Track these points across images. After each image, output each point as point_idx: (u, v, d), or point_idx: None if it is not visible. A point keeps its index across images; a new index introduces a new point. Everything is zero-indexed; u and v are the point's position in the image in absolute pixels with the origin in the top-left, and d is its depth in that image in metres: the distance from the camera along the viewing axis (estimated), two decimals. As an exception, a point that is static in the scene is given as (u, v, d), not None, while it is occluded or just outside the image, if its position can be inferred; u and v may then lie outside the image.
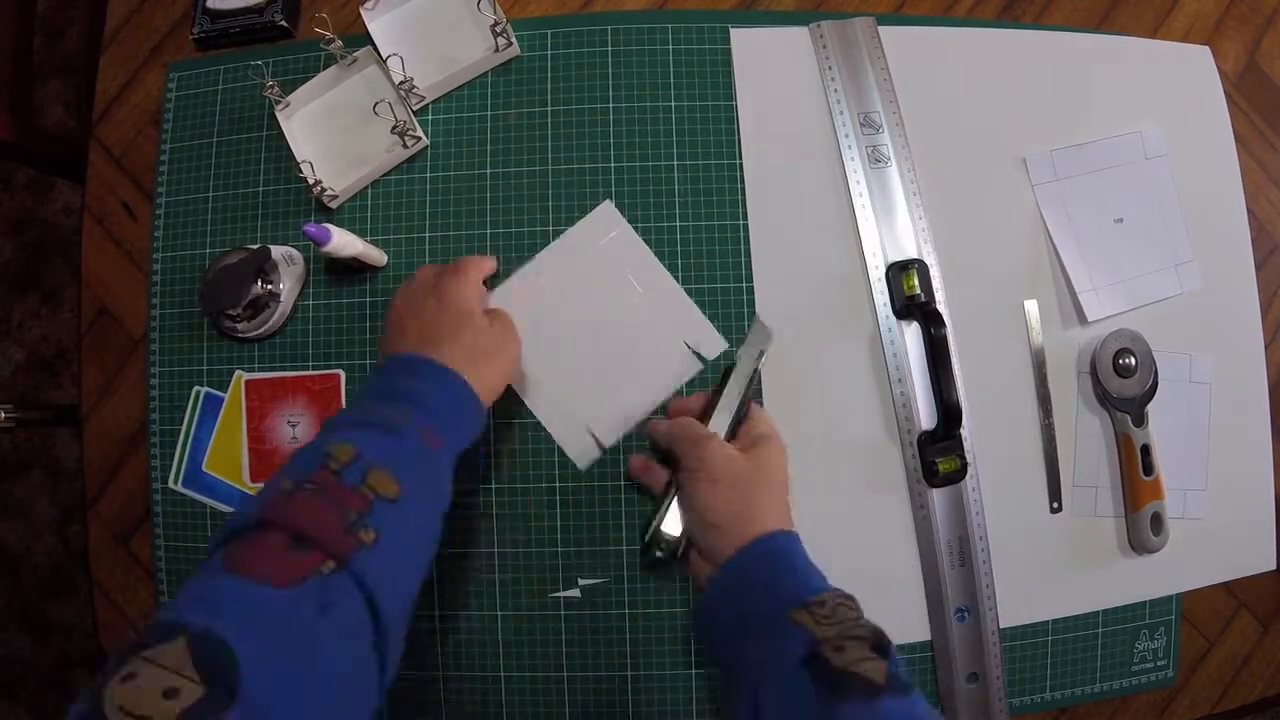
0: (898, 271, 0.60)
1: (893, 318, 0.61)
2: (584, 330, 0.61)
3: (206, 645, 0.33)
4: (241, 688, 0.32)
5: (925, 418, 0.60)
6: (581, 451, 0.60)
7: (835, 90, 0.62)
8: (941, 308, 0.60)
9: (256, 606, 0.35)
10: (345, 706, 0.37)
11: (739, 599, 0.46)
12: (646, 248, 0.61)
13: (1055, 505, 0.61)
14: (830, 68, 0.63)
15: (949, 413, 0.56)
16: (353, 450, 0.41)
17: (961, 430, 0.58)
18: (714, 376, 0.60)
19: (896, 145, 0.62)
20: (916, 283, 0.60)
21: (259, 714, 0.32)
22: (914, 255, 0.61)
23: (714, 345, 0.61)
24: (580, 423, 0.60)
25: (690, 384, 0.60)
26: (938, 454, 0.59)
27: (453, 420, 0.47)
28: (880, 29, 0.64)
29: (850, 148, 0.62)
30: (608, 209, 0.61)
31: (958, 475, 0.59)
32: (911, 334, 0.60)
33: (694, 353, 0.60)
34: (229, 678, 0.32)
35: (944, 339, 0.56)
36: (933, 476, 0.59)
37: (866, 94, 0.62)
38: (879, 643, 0.41)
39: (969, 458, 0.60)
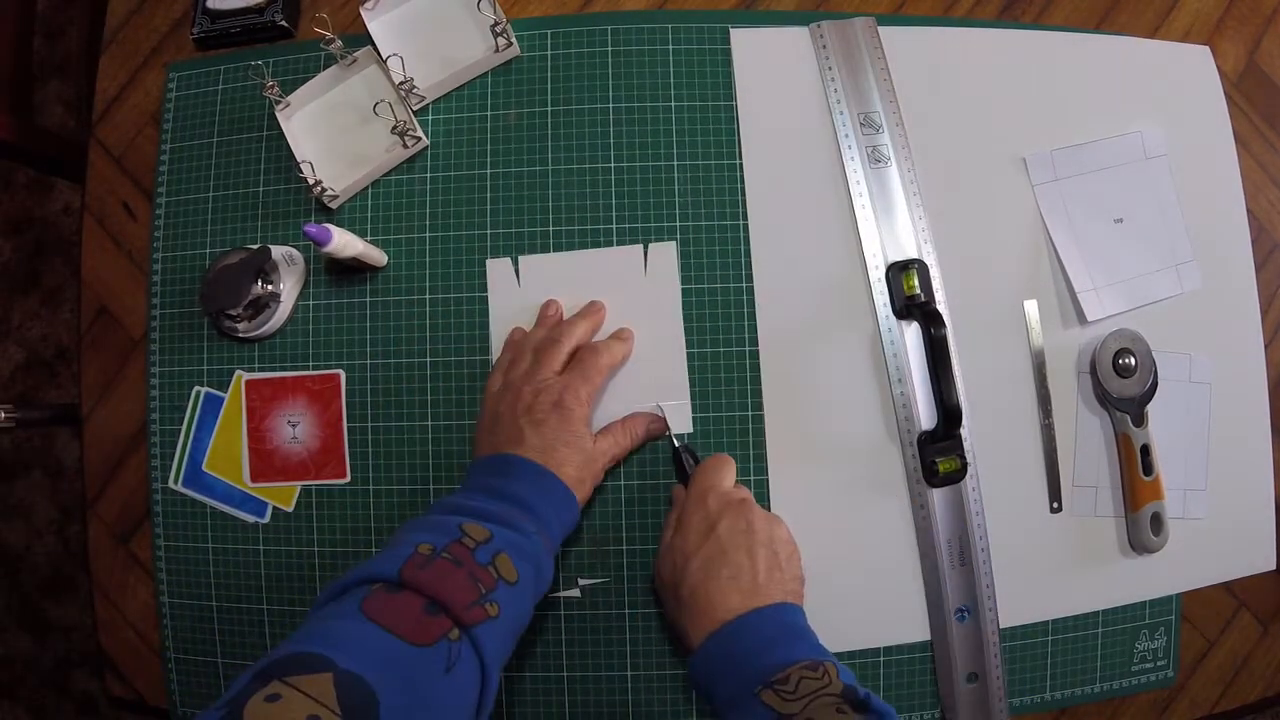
0: (897, 271, 0.60)
1: (893, 318, 0.60)
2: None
3: (351, 684, 0.36)
4: None
5: (925, 418, 0.60)
6: None
7: (835, 90, 0.62)
8: (941, 308, 0.60)
9: (398, 660, 0.39)
10: None
11: (711, 683, 0.48)
12: (680, 303, 0.61)
13: (1055, 505, 0.61)
14: (830, 68, 0.62)
15: (949, 413, 0.56)
16: (487, 533, 0.46)
17: (961, 430, 0.58)
18: (714, 375, 0.60)
19: (896, 145, 0.62)
20: (916, 283, 0.60)
21: None
22: (914, 255, 0.61)
23: (683, 422, 0.60)
24: None
25: (690, 381, 0.60)
26: (938, 454, 0.59)
27: (563, 529, 0.53)
28: (880, 29, 0.64)
29: (850, 148, 0.62)
30: (669, 250, 0.61)
31: (958, 475, 0.59)
32: (911, 334, 0.60)
33: (661, 417, 0.60)
34: (367, 717, 0.36)
35: (944, 339, 0.56)
36: (933, 476, 0.59)
37: (866, 94, 0.62)
38: (851, 696, 0.43)
39: (969, 458, 0.60)
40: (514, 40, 0.62)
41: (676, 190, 0.62)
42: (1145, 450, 0.60)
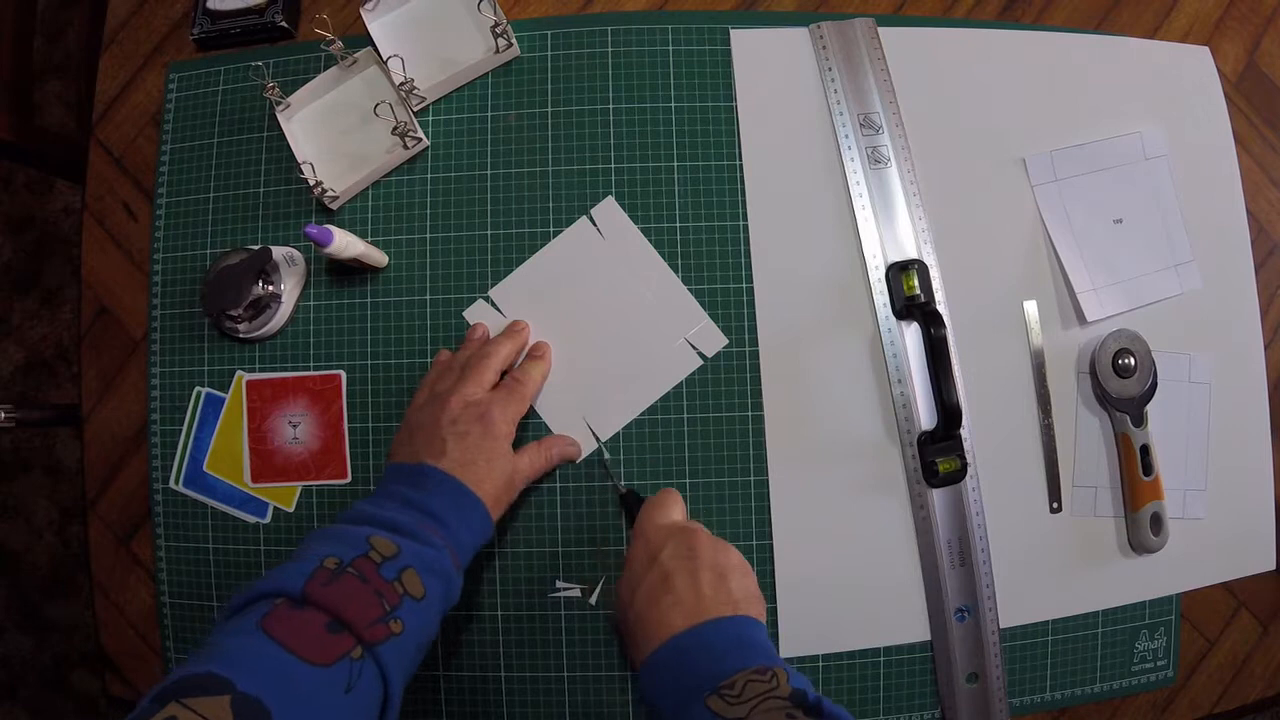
0: (897, 272, 0.60)
1: (893, 318, 0.61)
2: (583, 323, 0.61)
3: (248, 707, 0.36)
4: None
5: (925, 418, 0.60)
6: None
7: (835, 90, 0.62)
8: (941, 308, 0.60)
9: (297, 680, 0.39)
10: None
11: (657, 696, 0.46)
12: (648, 243, 0.61)
13: (1055, 505, 0.61)
14: (830, 68, 0.62)
15: (949, 413, 0.56)
16: (395, 548, 0.45)
17: (961, 430, 0.58)
18: (713, 375, 0.60)
19: (896, 146, 0.62)
20: (916, 283, 0.60)
21: None
22: (914, 256, 0.61)
23: (714, 341, 0.61)
24: (577, 414, 0.60)
25: (690, 380, 0.60)
26: (938, 454, 0.59)
27: (473, 545, 0.51)
28: (880, 29, 0.64)
29: (850, 148, 0.62)
30: (610, 205, 0.61)
31: (958, 475, 0.59)
32: (911, 334, 0.60)
33: (694, 349, 0.60)
34: None
35: (944, 339, 0.56)
36: (933, 476, 0.59)
37: (866, 94, 0.62)
38: (800, 700, 0.42)
39: (969, 458, 0.60)
40: (514, 41, 0.62)
41: (676, 190, 0.62)
42: (1145, 450, 0.60)
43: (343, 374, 0.61)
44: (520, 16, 0.65)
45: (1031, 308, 0.62)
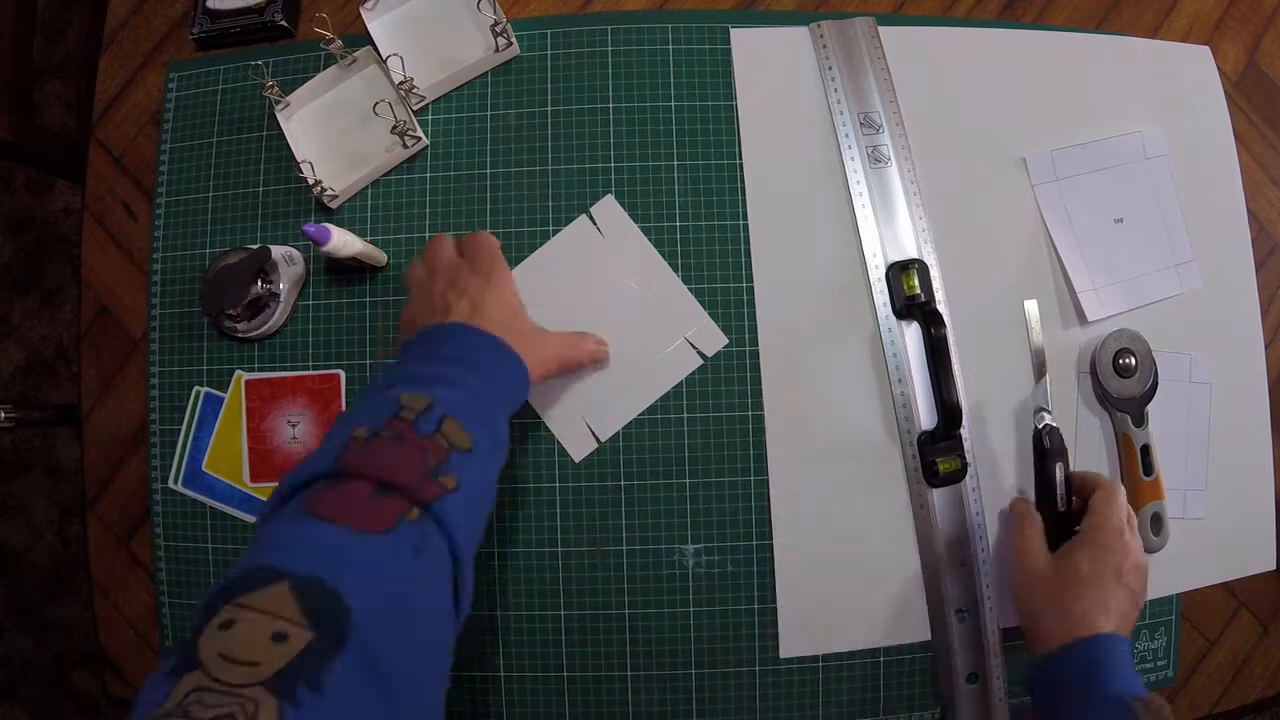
0: (898, 271, 0.60)
1: (893, 318, 0.60)
2: (583, 323, 0.60)
3: (312, 590, 0.33)
4: (352, 634, 0.32)
5: (925, 418, 0.60)
6: (578, 444, 0.60)
7: (835, 90, 0.62)
8: (941, 307, 0.60)
9: (358, 552, 0.35)
10: (437, 642, 0.38)
11: (1056, 696, 0.50)
12: (648, 242, 0.61)
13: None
14: (830, 67, 0.62)
15: (949, 412, 0.56)
16: (427, 400, 0.41)
17: (962, 430, 0.58)
18: (713, 375, 0.60)
19: (896, 145, 0.62)
20: (916, 283, 0.60)
21: (370, 655, 0.32)
22: (914, 255, 0.61)
23: (714, 341, 0.61)
24: (577, 414, 0.60)
25: (690, 380, 0.60)
26: (938, 454, 0.59)
27: (513, 399, 0.48)
28: (880, 29, 0.64)
29: (850, 148, 0.62)
30: (609, 203, 0.61)
31: (958, 475, 0.59)
32: (911, 334, 0.60)
33: (694, 348, 0.60)
34: (337, 623, 0.32)
35: (944, 339, 0.56)
36: (933, 476, 0.59)
37: (866, 93, 0.62)
38: None
39: (969, 458, 0.60)
40: (514, 40, 0.62)
41: (676, 190, 0.62)
42: (1145, 450, 0.60)
43: (341, 373, 0.61)
44: (520, 16, 0.65)
45: (1032, 307, 0.62)
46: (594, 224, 0.61)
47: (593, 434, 0.60)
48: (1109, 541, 0.53)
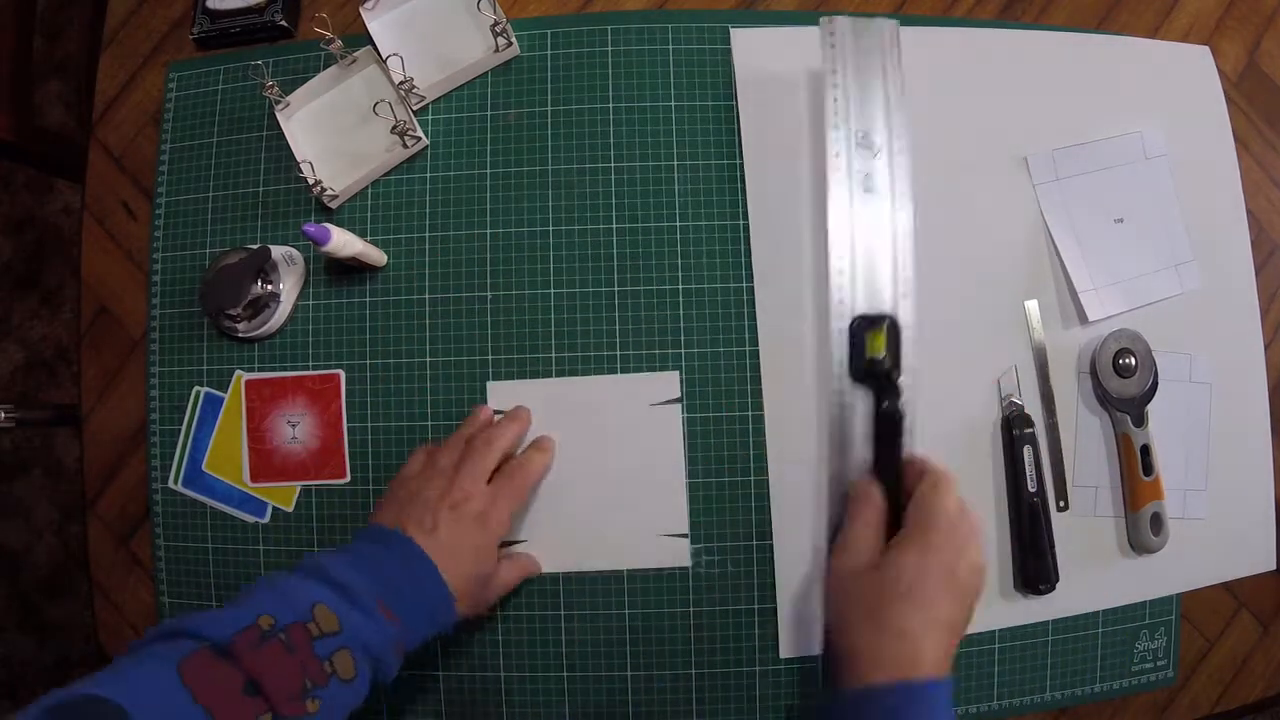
0: (864, 326, 0.52)
1: (848, 378, 0.53)
2: (576, 470, 0.59)
3: None
4: None
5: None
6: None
7: (836, 99, 0.53)
8: (905, 381, 0.52)
9: None
10: None
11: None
12: (682, 435, 0.59)
13: (1061, 504, 0.61)
14: (835, 70, 0.53)
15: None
16: (335, 625, 0.43)
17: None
18: (713, 375, 0.60)
19: (894, 174, 0.54)
20: (884, 343, 0.51)
21: None
22: (887, 310, 0.53)
23: (680, 557, 0.59)
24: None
25: (690, 380, 0.60)
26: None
27: (425, 636, 0.49)
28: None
29: (839, 170, 0.54)
30: (672, 379, 0.60)
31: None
32: (867, 403, 0.53)
33: (666, 542, 0.59)
34: None
35: (897, 418, 0.48)
36: None
37: (871, 111, 0.54)
38: None
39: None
40: (514, 40, 0.62)
41: (676, 190, 0.62)
42: (1145, 450, 0.60)
43: (341, 373, 0.61)
44: (520, 16, 0.65)
45: (1033, 307, 0.62)
46: (649, 389, 0.59)
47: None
48: (938, 540, 0.46)
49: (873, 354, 0.51)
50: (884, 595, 0.45)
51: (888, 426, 0.50)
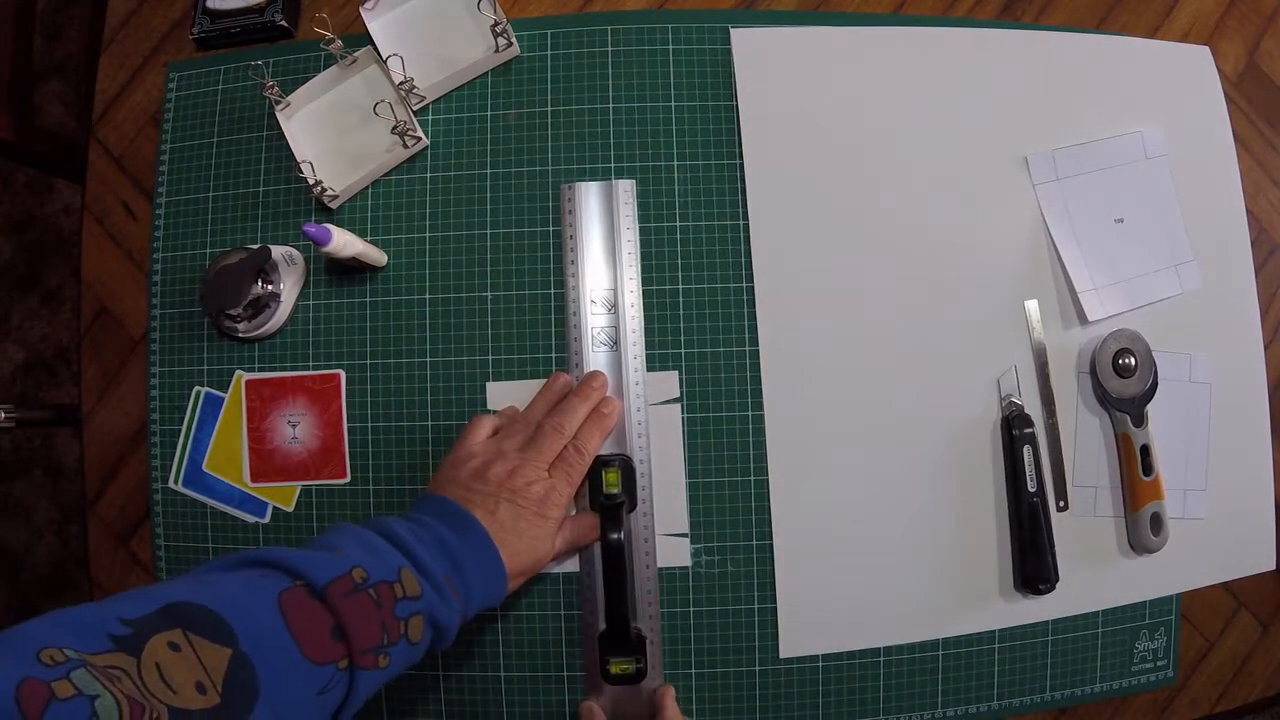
0: (602, 465, 0.57)
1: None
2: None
3: (242, 670, 0.37)
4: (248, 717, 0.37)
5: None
6: None
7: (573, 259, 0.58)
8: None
9: (288, 665, 0.40)
10: None
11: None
12: (682, 435, 0.60)
13: (1061, 504, 0.61)
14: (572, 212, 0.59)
15: (616, 628, 0.55)
16: (418, 590, 0.46)
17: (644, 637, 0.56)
18: (713, 375, 0.60)
19: (624, 328, 0.59)
20: (619, 479, 0.57)
21: None
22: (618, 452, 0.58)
23: (681, 556, 0.59)
24: None
25: (690, 380, 0.60)
26: (614, 653, 0.56)
27: (477, 612, 0.51)
28: (878, 29, 0.64)
29: (578, 326, 0.59)
30: (672, 379, 0.60)
31: (633, 678, 0.56)
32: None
33: (666, 542, 0.60)
34: (242, 708, 0.37)
35: (619, 549, 0.55)
36: (605, 675, 0.56)
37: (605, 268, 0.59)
38: None
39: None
40: (514, 40, 0.62)
41: (676, 190, 0.62)
42: (1145, 450, 0.60)
43: (342, 373, 0.61)
44: (520, 16, 0.65)
45: (1033, 307, 0.62)
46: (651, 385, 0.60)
47: None
48: None
49: (608, 489, 0.57)
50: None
51: (615, 558, 0.55)
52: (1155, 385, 0.61)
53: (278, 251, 0.59)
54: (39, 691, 0.30)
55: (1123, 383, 0.61)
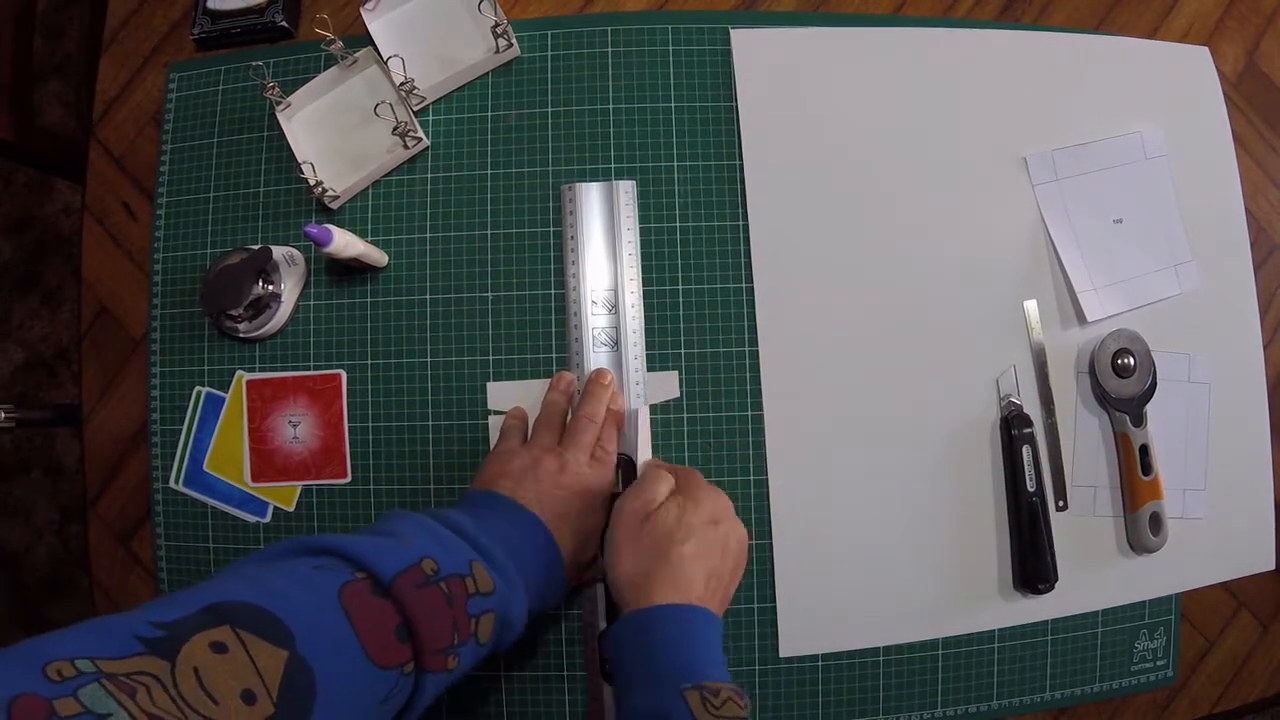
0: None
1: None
2: None
3: (301, 674, 0.33)
4: None
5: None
6: None
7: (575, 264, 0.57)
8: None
9: (350, 667, 0.36)
10: None
11: (636, 652, 0.45)
12: (682, 435, 0.61)
13: (1061, 504, 0.61)
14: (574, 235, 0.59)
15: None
16: (491, 587, 0.43)
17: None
18: (713, 375, 0.60)
19: (625, 328, 0.59)
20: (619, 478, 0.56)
21: None
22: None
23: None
24: None
25: (690, 380, 0.60)
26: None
27: (541, 609, 0.49)
28: (880, 30, 0.64)
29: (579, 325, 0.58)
30: (672, 379, 0.61)
31: None
32: None
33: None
34: (300, 712, 0.33)
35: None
36: (605, 672, 0.56)
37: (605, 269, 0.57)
38: None
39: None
40: (514, 41, 0.62)
41: (676, 190, 0.62)
42: (1144, 450, 0.60)
43: (343, 373, 0.61)
44: (520, 16, 0.65)
45: (1032, 307, 0.62)
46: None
47: None
48: (700, 495, 0.50)
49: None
50: (662, 534, 0.48)
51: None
52: (1154, 385, 0.61)
53: (278, 252, 0.59)
54: (36, 709, 0.26)
55: (1122, 383, 0.61)
